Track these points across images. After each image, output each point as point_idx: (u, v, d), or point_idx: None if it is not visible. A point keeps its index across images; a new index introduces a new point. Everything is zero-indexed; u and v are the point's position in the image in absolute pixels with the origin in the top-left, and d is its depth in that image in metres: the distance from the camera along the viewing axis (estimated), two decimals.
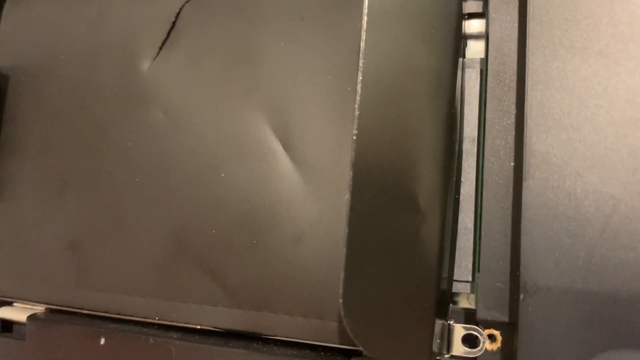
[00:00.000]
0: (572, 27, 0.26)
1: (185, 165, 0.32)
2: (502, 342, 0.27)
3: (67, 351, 0.33)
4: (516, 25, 0.29)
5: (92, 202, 0.34)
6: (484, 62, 0.29)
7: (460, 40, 0.28)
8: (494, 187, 0.28)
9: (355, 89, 0.29)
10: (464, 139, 0.30)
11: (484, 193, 0.28)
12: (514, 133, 0.28)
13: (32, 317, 0.34)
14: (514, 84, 0.28)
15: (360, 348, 0.27)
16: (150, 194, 0.32)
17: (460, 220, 0.29)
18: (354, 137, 0.24)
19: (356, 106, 0.24)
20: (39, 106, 0.36)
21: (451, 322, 0.28)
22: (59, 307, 0.34)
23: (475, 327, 0.28)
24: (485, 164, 0.28)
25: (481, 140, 0.29)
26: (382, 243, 0.25)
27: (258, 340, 0.30)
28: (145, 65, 0.34)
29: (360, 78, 0.24)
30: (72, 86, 0.35)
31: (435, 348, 0.27)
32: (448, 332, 0.28)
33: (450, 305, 0.29)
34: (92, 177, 0.34)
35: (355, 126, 0.24)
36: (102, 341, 0.32)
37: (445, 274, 0.28)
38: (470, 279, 0.29)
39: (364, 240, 0.24)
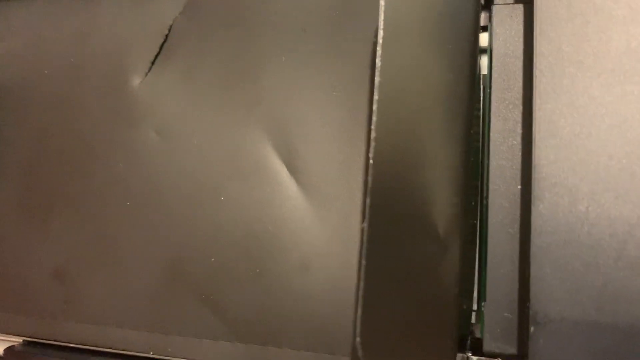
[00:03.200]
0: (582, 43, 0.25)
1: (181, 188, 0.30)
2: None
3: None
4: (521, 40, 0.27)
5: (80, 227, 0.31)
6: (487, 78, 0.28)
7: (477, 55, 0.27)
8: (500, 211, 0.26)
9: (365, 106, 0.28)
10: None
11: (489, 217, 0.26)
12: (520, 154, 0.26)
13: (9, 350, 0.32)
14: (519, 102, 0.27)
15: None
16: (143, 219, 0.30)
17: None
18: (371, 162, 0.22)
19: (372, 127, 0.22)
20: (22, 124, 0.34)
21: (469, 354, 0.26)
22: (42, 341, 0.32)
23: (494, 359, 0.26)
24: (490, 187, 0.26)
25: (485, 161, 0.27)
26: (400, 276, 0.23)
27: None
28: (136, 81, 0.32)
29: (377, 97, 0.22)
30: (57, 103, 0.33)
31: None
32: None
33: (469, 337, 0.27)
34: (80, 201, 0.32)
35: (371, 150, 0.22)
36: None
37: (465, 306, 0.26)
38: (475, 307, 0.28)
39: (381, 273, 0.23)
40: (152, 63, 0.32)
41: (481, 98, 0.28)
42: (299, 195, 0.28)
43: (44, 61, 0.34)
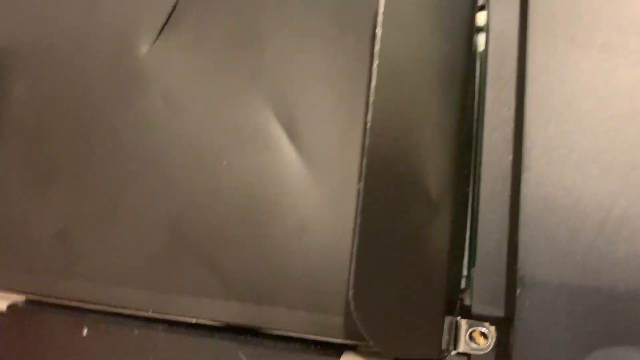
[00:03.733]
0: (574, 20, 0.26)
1: (184, 153, 0.31)
2: (497, 337, 0.27)
3: (47, 342, 0.31)
4: (517, 18, 0.28)
5: (83, 189, 0.32)
6: (484, 54, 0.29)
7: (473, 31, 0.28)
8: (491, 180, 0.27)
9: (367, 75, 0.29)
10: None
11: (481, 186, 0.27)
12: (513, 126, 0.27)
13: (11, 307, 0.33)
14: (513, 77, 0.28)
15: (366, 343, 0.27)
16: (146, 182, 0.31)
17: None
18: (368, 125, 0.23)
19: (371, 92, 0.23)
20: (31, 88, 0.35)
21: (458, 318, 0.27)
22: (44, 298, 0.33)
23: (481, 322, 0.27)
24: (484, 157, 0.27)
25: (480, 132, 0.28)
26: (394, 235, 0.24)
27: (250, 333, 0.29)
28: (144, 48, 0.32)
29: (376, 64, 0.23)
30: (65, 68, 0.34)
31: (443, 345, 0.26)
32: (455, 329, 0.27)
33: (458, 301, 0.28)
34: (84, 163, 0.32)
35: (369, 113, 0.23)
36: (85, 332, 0.31)
37: (454, 268, 0.27)
38: (465, 273, 0.29)
39: (375, 231, 0.24)
40: (160, 32, 0.32)
41: (477, 73, 0.29)
42: (298, 160, 0.29)
43: (53, 27, 0.35)
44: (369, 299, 0.23)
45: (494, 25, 0.28)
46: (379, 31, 0.24)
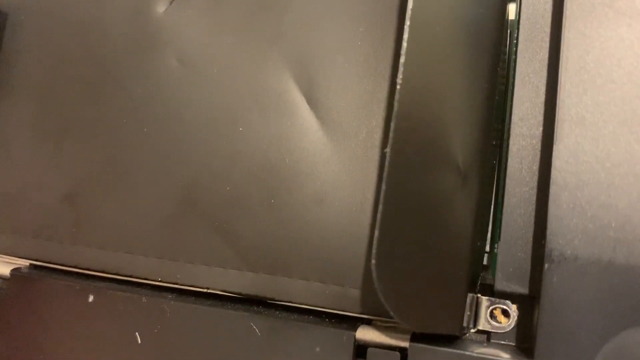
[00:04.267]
0: None
1: (199, 117, 0.30)
2: (519, 316, 0.26)
3: (51, 308, 0.30)
4: None
5: (94, 151, 0.31)
6: (515, 22, 0.28)
7: None
8: (520, 152, 0.26)
9: (393, 40, 0.27)
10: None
11: (509, 158, 0.26)
12: (544, 96, 0.26)
13: (15, 271, 0.32)
14: (546, 45, 0.27)
15: (382, 317, 0.26)
16: (159, 146, 0.30)
17: None
18: (398, 87, 0.22)
19: (402, 53, 0.22)
20: (40, 47, 0.33)
21: (478, 295, 0.26)
22: (48, 264, 0.32)
23: (503, 300, 0.26)
24: (512, 128, 0.26)
25: (509, 102, 0.27)
26: (419, 203, 0.23)
27: (262, 304, 0.28)
28: (160, 7, 0.31)
29: (408, 23, 0.22)
30: (77, 26, 0.33)
31: (464, 322, 0.25)
32: (476, 306, 0.26)
33: (480, 277, 0.27)
34: (95, 125, 0.31)
35: (399, 75, 0.22)
36: (91, 299, 0.30)
37: (478, 243, 0.26)
38: (487, 249, 0.28)
39: (401, 199, 0.22)
40: None
41: (508, 42, 0.28)
42: (317, 128, 0.28)
43: None
44: (391, 269, 0.22)
45: None
46: None
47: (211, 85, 0.30)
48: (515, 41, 0.27)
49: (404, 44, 0.22)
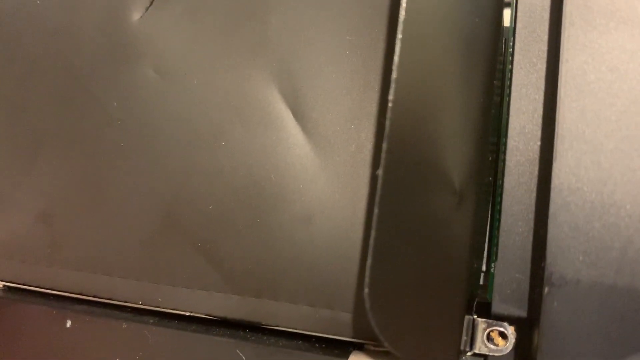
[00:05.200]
0: None
1: (179, 131, 0.28)
2: (517, 338, 0.25)
3: (26, 333, 0.29)
4: None
5: (69, 168, 0.30)
6: (510, 30, 0.26)
7: (502, 5, 0.25)
8: (517, 168, 0.25)
9: (380, 53, 0.26)
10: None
11: (505, 174, 0.25)
12: (542, 109, 0.25)
13: None
14: (543, 55, 0.25)
15: (375, 342, 0.25)
16: (137, 162, 0.29)
17: None
18: (390, 104, 0.21)
19: (393, 68, 0.21)
20: (11, 56, 0.31)
21: (475, 317, 0.25)
22: (23, 286, 0.30)
23: (500, 322, 0.25)
24: (508, 143, 0.25)
25: (504, 116, 0.26)
26: (413, 227, 0.22)
27: (249, 329, 0.27)
28: (136, 15, 0.30)
29: (400, 36, 0.21)
30: (50, 35, 0.31)
31: (461, 346, 0.24)
32: (472, 328, 0.25)
33: (476, 299, 0.26)
34: (70, 140, 0.30)
35: (391, 91, 0.21)
36: (69, 324, 0.28)
37: (475, 264, 0.25)
38: (484, 268, 0.26)
39: (394, 223, 0.21)
40: None
41: (503, 50, 0.27)
42: (304, 143, 0.27)
43: None
44: (385, 298, 0.21)
45: None
46: (403, 1, 0.21)
47: (191, 97, 0.28)
48: (510, 50, 0.26)
49: (396, 58, 0.21)
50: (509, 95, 0.25)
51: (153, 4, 0.29)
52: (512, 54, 0.25)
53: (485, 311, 0.25)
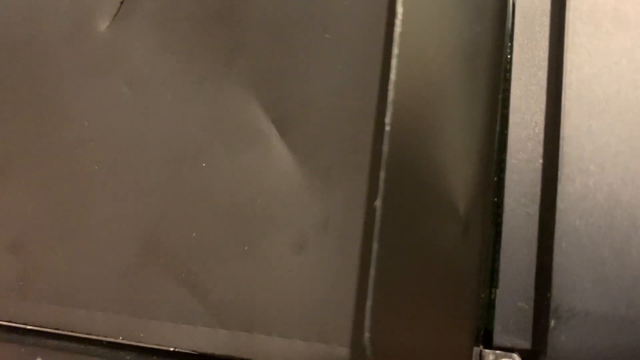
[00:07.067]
0: None
1: (156, 151, 0.26)
2: None
3: None
4: None
5: (39, 194, 0.28)
6: (507, 36, 0.24)
7: (506, 13, 0.23)
8: (518, 188, 0.23)
9: (378, 58, 0.24)
10: None
11: (505, 195, 0.23)
12: (544, 122, 0.23)
13: None
14: (544, 64, 0.24)
15: None
16: (112, 186, 0.27)
17: None
18: (387, 129, 0.19)
19: (390, 88, 0.19)
20: None
21: (481, 347, 0.23)
22: None
23: (509, 353, 0.23)
24: (508, 160, 0.23)
25: (503, 130, 0.24)
26: (416, 260, 0.20)
27: None
28: (103, 24, 0.27)
29: (396, 52, 0.19)
30: (12, 50, 0.28)
31: None
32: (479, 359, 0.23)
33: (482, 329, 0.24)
34: (40, 163, 0.28)
35: (388, 114, 0.19)
36: None
37: (482, 295, 0.23)
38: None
39: (395, 258, 0.19)
40: (121, 3, 0.27)
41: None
42: (292, 162, 0.25)
43: None
44: (387, 342, 0.19)
45: (521, 1, 0.24)
46: (399, 9, 0.19)
47: (166, 113, 0.26)
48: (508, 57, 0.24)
49: (392, 77, 0.19)
50: (509, 107, 0.23)
51: (120, 10, 0.27)
52: (511, 61, 0.23)
53: (489, 339, 0.24)
